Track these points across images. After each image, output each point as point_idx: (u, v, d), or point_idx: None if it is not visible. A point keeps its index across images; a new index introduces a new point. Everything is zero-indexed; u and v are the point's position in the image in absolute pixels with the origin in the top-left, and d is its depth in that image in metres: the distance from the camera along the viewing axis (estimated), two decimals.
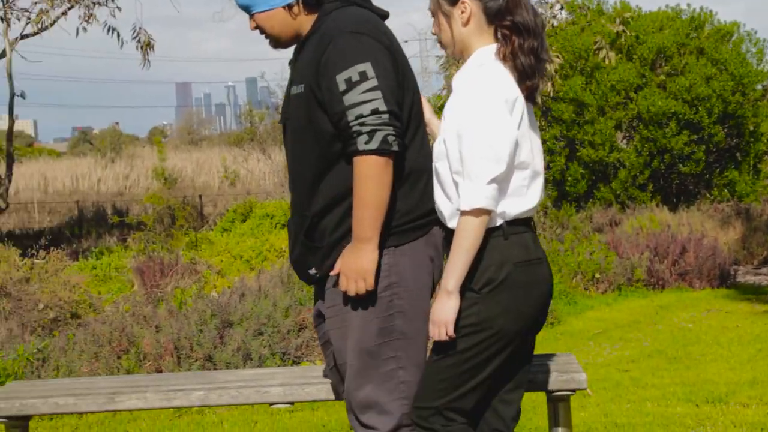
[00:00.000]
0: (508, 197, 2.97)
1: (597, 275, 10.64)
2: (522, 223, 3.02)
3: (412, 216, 3.07)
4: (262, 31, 3.13)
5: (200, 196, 21.63)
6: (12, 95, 13.05)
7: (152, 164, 27.20)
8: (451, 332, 2.93)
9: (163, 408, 3.69)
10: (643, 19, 16.96)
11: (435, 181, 3.08)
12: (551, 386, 3.75)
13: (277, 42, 3.16)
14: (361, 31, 2.97)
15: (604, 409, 5.68)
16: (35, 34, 13.09)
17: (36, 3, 12.68)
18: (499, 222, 2.97)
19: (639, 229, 12.55)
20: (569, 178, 15.42)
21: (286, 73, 3.66)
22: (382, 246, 3.00)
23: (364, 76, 2.90)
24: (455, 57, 3.12)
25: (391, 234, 3.02)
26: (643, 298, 10.20)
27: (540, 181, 3.06)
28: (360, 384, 3.06)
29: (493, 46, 3.01)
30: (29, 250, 10.48)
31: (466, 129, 2.90)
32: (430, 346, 3.07)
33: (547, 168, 15.29)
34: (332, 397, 3.84)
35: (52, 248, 9.89)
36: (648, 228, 12.57)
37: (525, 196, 3.01)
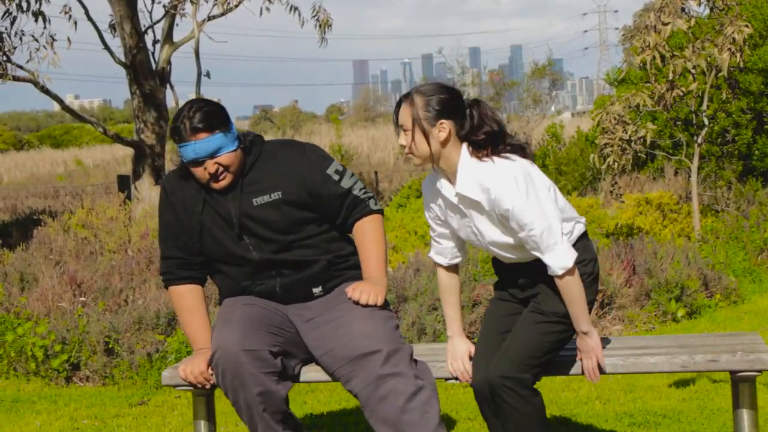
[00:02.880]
0: (570, 217, 3.73)
1: None
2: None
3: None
4: (222, 170, 3.76)
5: (376, 173, 21.92)
6: (199, 75, 13.50)
7: (330, 141, 27.70)
8: (602, 361, 3.69)
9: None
10: None
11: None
12: (735, 366, 3.64)
13: (231, 175, 3.79)
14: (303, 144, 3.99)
15: None
16: (221, 15, 13.50)
17: None
18: (578, 233, 3.74)
19: None
20: (756, 152, 14.79)
21: (462, 48, 3.77)
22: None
23: (343, 167, 3.92)
24: (423, 167, 3.80)
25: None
26: None
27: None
28: (396, 355, 3.73)
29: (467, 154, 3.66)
30: None
31: (522, 219, 3.54)
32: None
33: (732, 141, 14.72)
34: None
35: None
36: None
37: (571, 209, 3.77)
